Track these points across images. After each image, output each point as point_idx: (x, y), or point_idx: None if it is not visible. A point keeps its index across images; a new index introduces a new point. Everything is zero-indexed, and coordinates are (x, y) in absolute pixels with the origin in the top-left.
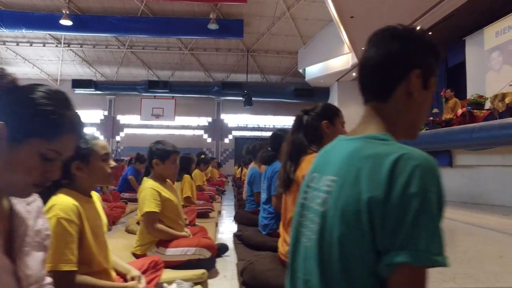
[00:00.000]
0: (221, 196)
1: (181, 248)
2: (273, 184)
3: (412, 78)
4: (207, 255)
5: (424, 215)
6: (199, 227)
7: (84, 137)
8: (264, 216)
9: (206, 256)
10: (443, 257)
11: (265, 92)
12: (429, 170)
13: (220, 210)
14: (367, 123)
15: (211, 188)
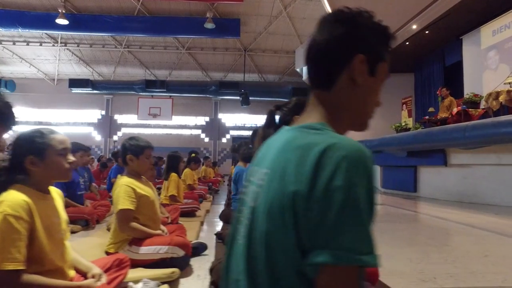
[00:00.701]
0: (213, 195)
1: (154, 246)
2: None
3: (355, 63)
4: (180, 254)
5: (348, 211)
6: (177, 225)
7: (40, 132)
8: None
9: (180, 255)
10: (371, 256)
11: (262, 91)
12: (357, 162)
13: (208, 209)
14: (309, 112)
15: (203, 187)
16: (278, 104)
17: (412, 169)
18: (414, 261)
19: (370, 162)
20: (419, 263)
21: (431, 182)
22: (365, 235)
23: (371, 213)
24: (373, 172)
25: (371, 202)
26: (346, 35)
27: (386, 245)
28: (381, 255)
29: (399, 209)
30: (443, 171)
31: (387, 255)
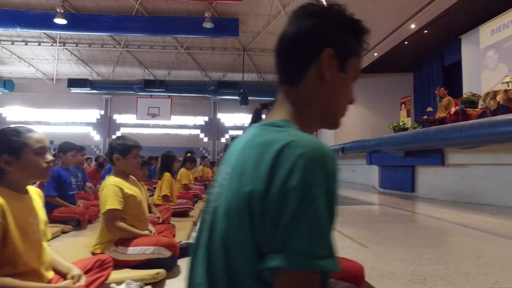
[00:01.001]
0: None
1: (140, 247)
2: None
3: (322, 58)
4: (166, 255)
5: (304, 213)
6: (166, 225)
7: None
8: None
9: (166, 256)
10: (330, 260)
11: (261, 91)
12: (316, 160)
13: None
14: (276, 109)
15: (199, 187)
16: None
17: (410, 169)
18: (406, 262)
19: (330, 161)
20: (411, 264)
21: (429, 182)
22: (323, 238)
23: (331, 215)
24: (334, 171)
25: (331, 204)
26: (314, 28)
27: (379, 245)
28: (373, 256)
29: (395, 209)
30: (440, 171)
31: (379, 256)
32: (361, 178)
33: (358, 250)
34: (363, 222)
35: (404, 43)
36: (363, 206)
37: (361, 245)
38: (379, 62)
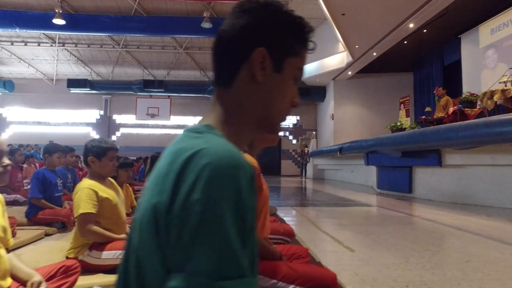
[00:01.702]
0: None
1: (114, 251)
2: None
3: (253, 58)
4: None
5: (206, 229)
6: None
7: None
8: None
9: None
10: (240, 281)
11: None
12: (222, 170)
13: None
14: (208, 113)
15: None
16: None
17: (407, 170)
18: (391, 267)
19: (240, 171)
20: (396, 269)
21: (426, 183)
22: (230, 257)
23: (242, 230)
24: (246, 182)
25: (243, 218)
26: (246, 26)
27: (367, 249)
28: (359, 261)
29: (390, 211)
30: (438, 172)
31: (364, 260)
32: (360, 179)
33: (344, 254)
34: (355, 225)
35: (403, 43)
36: (357, 208)
37: (348, 249)
38: (379, 61)
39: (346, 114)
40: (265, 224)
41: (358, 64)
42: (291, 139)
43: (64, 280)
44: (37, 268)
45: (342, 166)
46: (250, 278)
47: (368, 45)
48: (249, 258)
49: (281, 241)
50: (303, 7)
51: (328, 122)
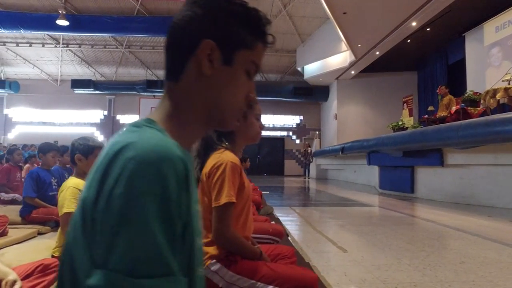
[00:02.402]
0: None
1: None
2: None
3: (200, 50)
4: None
5: (128, 224)
6: None
7: None
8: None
9: None
10: (164, 280)
11: (264, 90)
12: (147, 164)
13: None
14: (156, 108)
15: None
16: None
17: (409, 170)
18: (382, 268)
19: (167, 165)
20: (387, 270)
21: (428, 182)
22: (153, 254)
23: (170, 226)
24: (174, 177)
25: (168, 213)
26: (194, 17)
27: (360, 250)
28: (350, 261)
29: (389, 211)
30: (439, 172)
31: (356, 261)
32: (363, 179)
33: (336, 254)
34: (352, 225)
35: (406, 42)
36: (357, 208)
37: (341, 249)
38: (382, 61)
39: (350, 114)
40: (247, 222)
41: (361, 63)
42: (295, 139)
43: (41, 279)
44: (15, 267)
45: (345, 166)
46: (178, 276)
47: (370, 44)
48: (182, 256)
49: (270, 241)
50: (305, 6)
51: (332, 122)
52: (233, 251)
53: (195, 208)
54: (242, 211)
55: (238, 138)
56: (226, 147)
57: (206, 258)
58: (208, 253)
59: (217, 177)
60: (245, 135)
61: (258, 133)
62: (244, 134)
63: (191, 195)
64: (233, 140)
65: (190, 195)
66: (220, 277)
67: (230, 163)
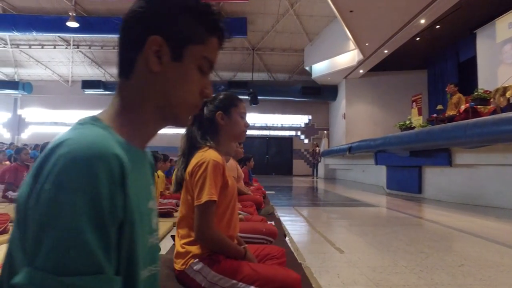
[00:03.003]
0: None
1: None
2: None
3: (147, 46)
4: None
5: (54, 220)
6: None
7: None
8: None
9: None
10: (88, 278)
11: (272, 90)
12: (76, 161)
13: None
14: (108, 105)
15: None
16: (206, 100)
17: (416, 170)
18: (377, 270)
19: (99, 162)
20: (382, 272)
21: (436, 183)
22: (80, 251)
23: (101, 223)
24: (106, 174)
25: (99, 210)
26: (142, 13)
27: (357, 251)
28: (345, 262)
29: (394, 211)
30: (447, 172)
31: (351, 262)
32: (371, 179)
33: (333, 255)
34: (353, 225)
35: (415, 39)
36: (361, 208)
37: (338, 250)
38: (391, 59)
39: (358, 113)
40: (232, 221)
41: (370, 62)
42: (303, 138)
43: None
44: None
45: (353, 166)
46: (109, 275)
47: (378, 42)
48: (120, 255)
49: (263, 241)
50: (313, 5)
51: (340, 121)
52: (216, 250)
53: (142, 206)
54: (226, 210)
55: (222, 137)
56: (210, 146)
57: (189, 257)
58: (191, 252)
59: (199, 175)
60: (229, 133)
61: (242, 132)
62: (228, 132)
63: (132, 193)
64: (217, 139)
65: (128, 193)
66: (203, 276)
67: (212, 161)
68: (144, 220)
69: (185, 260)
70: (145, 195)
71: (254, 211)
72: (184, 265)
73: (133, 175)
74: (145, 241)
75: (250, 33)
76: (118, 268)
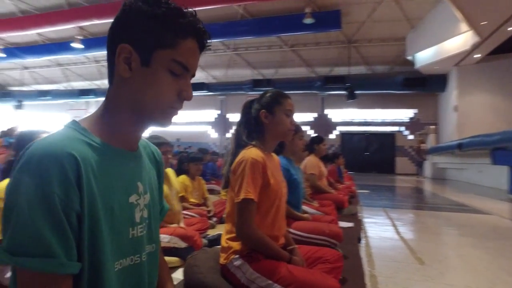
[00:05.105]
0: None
1: (163, 235)
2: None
3: (117, 54)
4: (181, 245)
5: (9, 209)
6: (200, 219)
7: None
8: None
9: (181, 246)
10: (36, 260)
11: (371, 84)
12: (30, 159)
13: None
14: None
15: None
16: (252, 98)
17: None
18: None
19: (51, 159)
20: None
21: None
22: (31, 236)
23: (51, 213)
24: (58, 171)
25: (48, 201)
26: (114, 23)
27: (440, 264)
28: (423, 276)
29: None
30: None
31: (426, 277)
32: (490, 181)
33: (408, 265)
34: (447, 235)
35: None
36: (468, 215)
37: (417, 260)
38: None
39: (474, 105)
40: (276, 221)
41: (488, 44)
42: (407, 134)
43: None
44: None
45: (467, 165)
46: (61, 259)
47: (500, 18)
48: (77, 243)
49: (326, 242)
50: None
51: (451, 115)
52: (254, 248)
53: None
54: (269, 209)
55: (267, 136)
56: (254, 145)
57: (231, 252)
58: (233, 247)
59: (238, 173)
60: (274, 132)
61: (288, 130)
62: (273, 131)
63: (97, 188)
64: (263, 138)
65: (85, 189)
66: (242, 272)
67: (251, 159)
68: (123, 213)
69: (227, 255)
70: (124, 190)
71: (332, 211)
72: (226, 260)
73: (104, 172)
74: (124, 233)
75: (345, 25)
76: (81, 256)
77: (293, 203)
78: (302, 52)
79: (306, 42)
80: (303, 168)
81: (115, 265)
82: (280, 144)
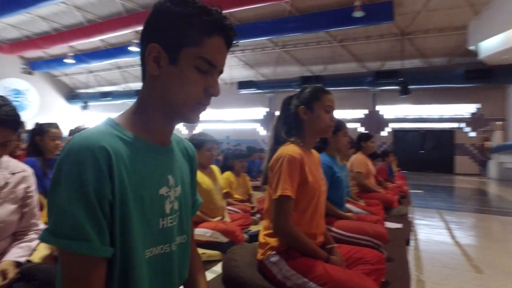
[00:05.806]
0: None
1: (201, 229)
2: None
3: (146, 54)
4: (223, 240)
5: (52, 196)
6: (243, 215)
7: None
8: None
9: (223, 241)
10: (72, 242)
11: (427, 78)
12: (69, 152)
13: None
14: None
15: None
16: (292, 95)
17: None
18: None
19: (85, 152)
20: None
21: None
22: (67, 220)
23: (85, 200)
24: (91, 162)
25: (82, 189)
26: (145, 25)
27: (503, 275)
28: (475, 285)
29: None
30: None
31: (485, 287)
32: None
33: (463, 273)
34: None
35: None
36: None
37: (474, 268)
38: None
39: None
40: (314, 219)
41: None
42: (468, 131)
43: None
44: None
45: None
46: (95, 243)
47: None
48: (111, 229)
49: (369, 243)
50: None
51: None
52: (291, 244)
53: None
54: (307, 207)
55: (306, 132)
56: (293, 141)
57: (268, 248)
58: (270, 244)
59: (276, 170)
60: (313, 128)
61: (327, 126)
62: (311, 127)
63: (128, 179)
64: (302, 134)
65: (117, 179)
66: (278, 269)
67: (288, 156)
68: (154, 204)
69: (264, 251)
70: (154, 182)
71: (379, 211)
72: (263, 256)
73: (135, 164)
74: (154, 223)
75: (398, 17)
76: (113, 241)
77: (336, 201)
78: (352, 47)
79: (356, 36)
80: (349, 166)
81: (146, 252)
82: (324, 141)
